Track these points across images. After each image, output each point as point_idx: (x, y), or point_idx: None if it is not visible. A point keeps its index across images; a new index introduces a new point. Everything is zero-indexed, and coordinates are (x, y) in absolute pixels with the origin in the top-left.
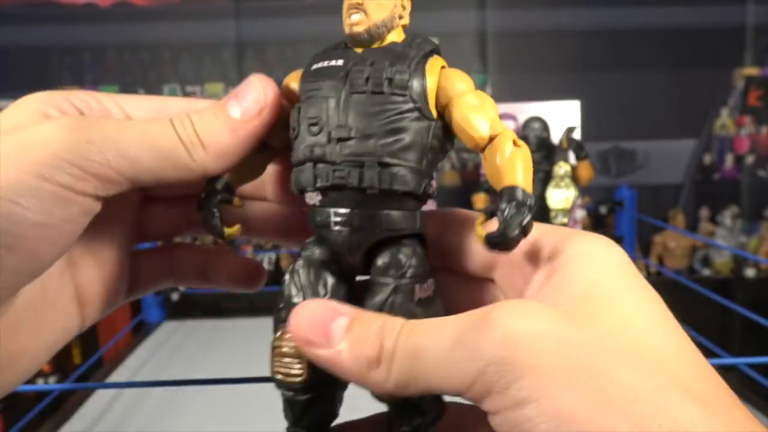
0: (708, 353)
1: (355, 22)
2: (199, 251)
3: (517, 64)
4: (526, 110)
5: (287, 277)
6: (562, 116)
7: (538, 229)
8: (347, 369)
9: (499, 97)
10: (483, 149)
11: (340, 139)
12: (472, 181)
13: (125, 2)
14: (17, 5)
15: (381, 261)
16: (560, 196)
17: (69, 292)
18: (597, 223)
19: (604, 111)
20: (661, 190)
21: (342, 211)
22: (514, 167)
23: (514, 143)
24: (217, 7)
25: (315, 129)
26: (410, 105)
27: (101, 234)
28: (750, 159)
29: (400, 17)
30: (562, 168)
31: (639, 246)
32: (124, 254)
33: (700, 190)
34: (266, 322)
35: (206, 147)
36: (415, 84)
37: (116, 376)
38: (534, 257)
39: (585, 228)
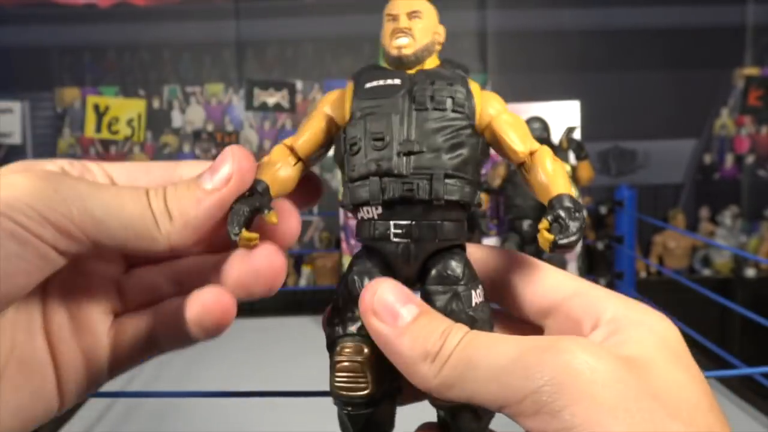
0: (708, 353)
1: (404, 45)
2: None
3: (517, 64)
4: (526, 110)
5: (341, 290)
6: (562, 116)
7: (603, 291)
8: (402, 352)
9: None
10: (521, 163)
11: (408, 153)
12: None
13: (125, 2)
14: (17, 5)
15: (438, 269)
16: None
17: (47, 369)
18: (597, 223)
19: (604, 111)
20: (661, 190)
21: (402, 222)
22: (560, 178)
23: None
24: (217, 7)
25: (380, 144)
26: (466, 122)
27: (80, 301)
28: (750, 159)
29: (439, 44)
30: None
31: (639, 246)
32: (105, 323)
33: (700, 190)
34: (268, 323)
35: (173, 218)
36: (468, 103)
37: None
38: (594, 316)
39: (585, 227)
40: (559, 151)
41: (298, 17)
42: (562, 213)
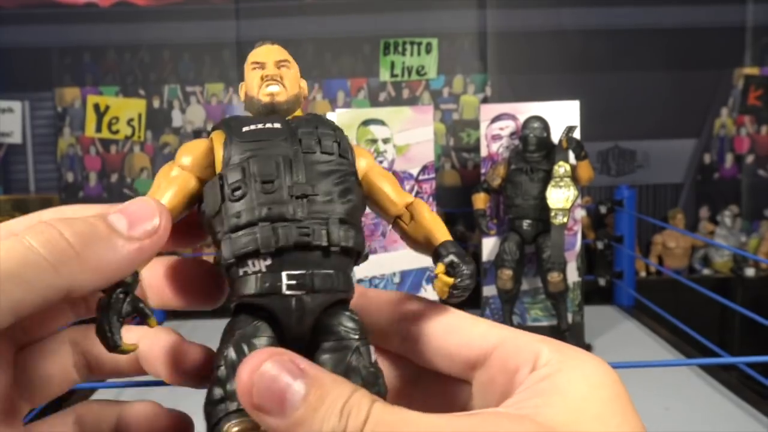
0: (707, 352)
1: (276, 92)
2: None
3: (517, 64)
4: (526, 110)
5: (224, 360)
6: (562, 116)
7: (532, 336)
8: None
9: (499, 97)
10: (397, 215)
11: (301, 196)
12: (472, 181)
13: (125, 2)
14: (17, 5)
15: (333, 324)
16: (560, 196)
17: None
18: (597, 223)
19: (604, 111)
20: (661, 190)
21: (296, 272)
22: (441, 226)
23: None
24: (217, 7)
25: (269, 186)
26: (352, 169)
27: None
28: (750, 159)
29: (304, 97)
30: (562, 168)
31: (639, 246)
32: (7, 364)
33: (699, 190)
34: None
35: (80, 258)
36: (351, 151)
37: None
38: (530, 362)
39: (585, 227)
40: (559, 150)
41: (298, 17)
42: (455, 258)
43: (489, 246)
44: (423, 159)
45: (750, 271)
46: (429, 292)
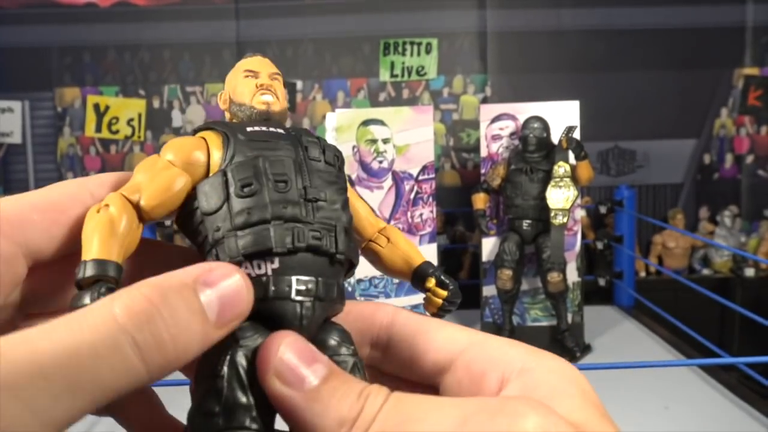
0: (707, 352)
1: (271, 102)
2: None
3: (517, 64)
4: (526, 110)
5: (225, 370)
6: (562, 116)
7: (501, 340)
8: (313, 421)
9: (499, 98)
10: (371, 237)
11: (312, 200)
12: (472, 181)
13: (125, 2)
14: (17, 5)
15: (333, 336)
16: (560, 196)
17: None
18: (597, 223)
19: (604, 111)
20: (661, 190)
21: (306, 278)
22: (416, 249)
23: None
24: (217, 7)
25: (282, 186)
26: (345, 185)
27: None
28: (750, 159)
29: (289, 110)
30: (561, 168)
31: (638, 246)
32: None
33: (699, 190)
34: None
35: (168, 349)
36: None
37: None
38: (499, 368)
39: (585, 227)
40: (559, 150)
41: (298, 17)
42: (441, 276)
43: (489, 246)
44: (423, 159)
45: (749, 272)
46: None
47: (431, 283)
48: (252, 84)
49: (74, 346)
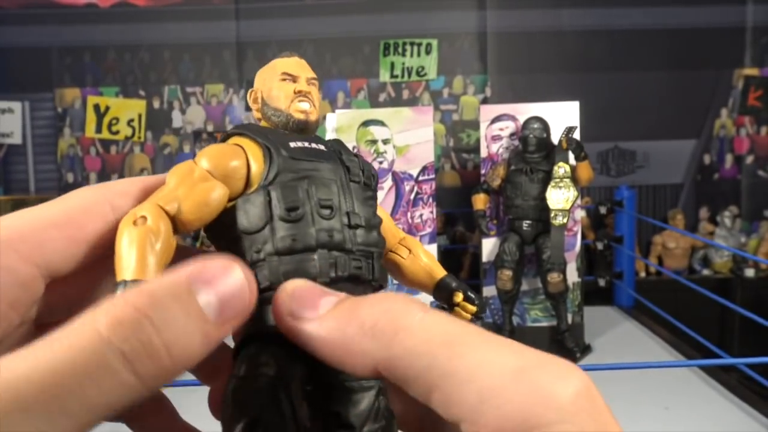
0: (707, 352)
1: (309, 110)
2: None
3: (517, 65)
4: (526, 111)
5: (257, 399)
6: (562, 116)
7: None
8: (331, 337)
9: (499, 98)
10: (392, 248)
11: (355, 226)
12: (471, 181)
13: (125, 2)
14: (17, 5)
15: None
16: (560, 196)
17: None
18: (597, 224)
19: (604, 111)
20: (661, 190)
21: None
22: (436, 262)
23: None
24: (217, 8)
25: (327, 213)
26: (377, 202)
27: None
28: (750, 159)
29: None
30: (561, 168)
31: (638, 246)
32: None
33: (699, 191)
34: None
35: (164, 354)
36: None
37: None
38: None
39: (585, 228)
40: (559, 151)
41: (298, 17)
42: (468, 291)
43: (489, 246)
44: (423, 160)
45: (749, 272)
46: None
47: (459, 298)
48: (290, 89)
49: (52, 368)
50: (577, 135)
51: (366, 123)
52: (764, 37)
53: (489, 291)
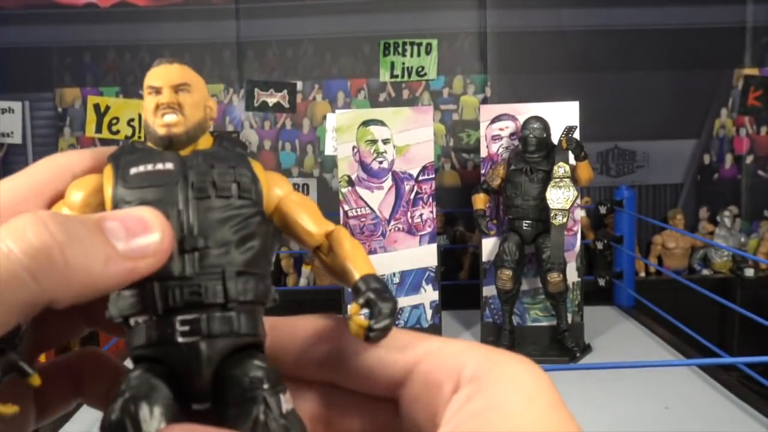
0: (707, 352)
1: (173, 123)
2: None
3: (517, 65)
4: (525, 111)
5: (112, 421)
6: (562, 116)
7: (458, 346)
8: None
9: (498, 98)
10: (317, 246)
11: (192, 250)
12: (471, 181)
13: (125, 2)
14: (17, 5)
15: (236, 374)
16: (560, 196)
17: None
18: (597, 224)
19: (604, 111)
20: (660, 191)
21: (190, 317)
22: (361, 258)
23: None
24: (217, 7)
25: None
26: (254, 209)
27: None
28: (749, 159)
29: (211, 119)
30: (561, 168)
31: (638, 246)
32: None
33: (699, 190)
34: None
35: (68, 272)
36: (255, 187)
37: None
38: (454, 375)
39: (584, 227)
40: (558, 151)
41: (298, 17)
42: (372, 295)
43: (489, 246)
44: (423, 159)
45: (749, 272)
46: (429, 292)
47: (354, 309)
48: (153, 103)
49: None
50: (577, 135)
51: (366, 123)
52: (764, 37)
53: (489, 291)
